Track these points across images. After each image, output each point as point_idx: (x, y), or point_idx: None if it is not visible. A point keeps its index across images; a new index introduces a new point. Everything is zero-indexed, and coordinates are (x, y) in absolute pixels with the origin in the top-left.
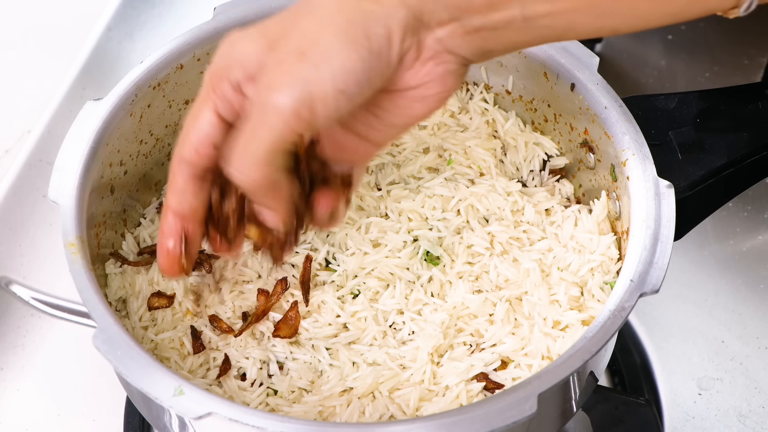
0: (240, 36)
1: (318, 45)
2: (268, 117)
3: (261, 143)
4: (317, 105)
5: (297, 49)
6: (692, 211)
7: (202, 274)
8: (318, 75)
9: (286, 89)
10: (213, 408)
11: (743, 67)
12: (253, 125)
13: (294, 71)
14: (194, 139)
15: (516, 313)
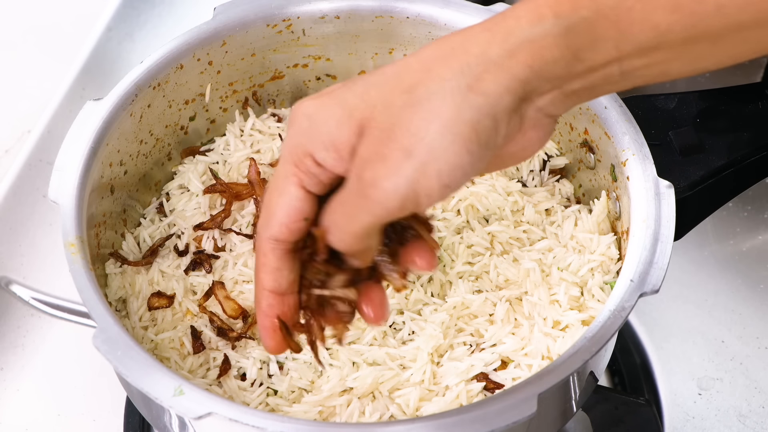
0: (319, 111)
1: (424, 142)
2: (371, 206)
3: (362, 225)
4: (422, 198)
5: (401, 146)
6: (692, 211)
7: (203, 274)
8: (425, 174)
9: (391, 188)
10: (213, 408)
11: (743, 67)
12: (354, 209)
13: (400, 170)
14: (284, 218)
15: (516, 313)
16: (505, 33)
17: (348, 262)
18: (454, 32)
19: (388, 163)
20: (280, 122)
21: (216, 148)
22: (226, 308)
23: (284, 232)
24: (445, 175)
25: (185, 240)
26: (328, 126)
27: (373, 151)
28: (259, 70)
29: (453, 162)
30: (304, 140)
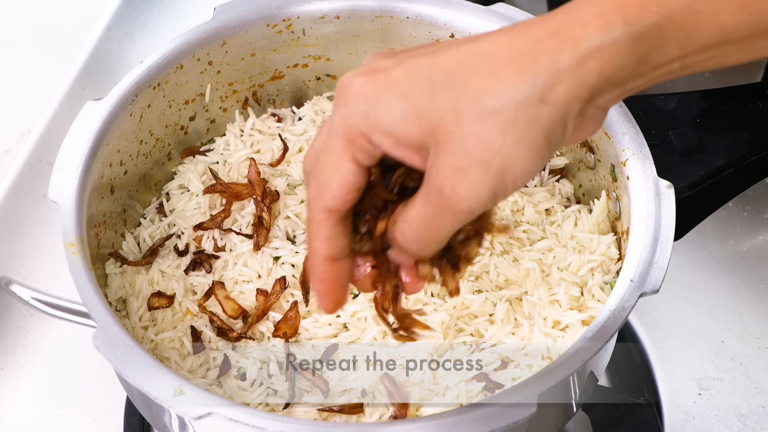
0: (380, 97)
1: (500, 154)
2: (455, 215)
3: (440, 231)
4: (498, 200)
5: (479, 158)
6: (692, 211)
7: (203, 274)
8: (503, 181)
9: (475, 199)
10: (213, 408)
11: (743, 67)
12: (438, 219)
13: (480, 183)
14: (338, 191)
15: (516, 313)
16: (574, 41)
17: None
18: (512, 28)
19: (469, 177)
20: (280, 122)
21: (216, 148)
22: (226, 308)
23: (337, 204)
24: (519, 180)
25: (185, 240)
26: (390, 117)
27: (451, 164)
28: (259, 70)
29: (527, 168)
30: (361, 122)
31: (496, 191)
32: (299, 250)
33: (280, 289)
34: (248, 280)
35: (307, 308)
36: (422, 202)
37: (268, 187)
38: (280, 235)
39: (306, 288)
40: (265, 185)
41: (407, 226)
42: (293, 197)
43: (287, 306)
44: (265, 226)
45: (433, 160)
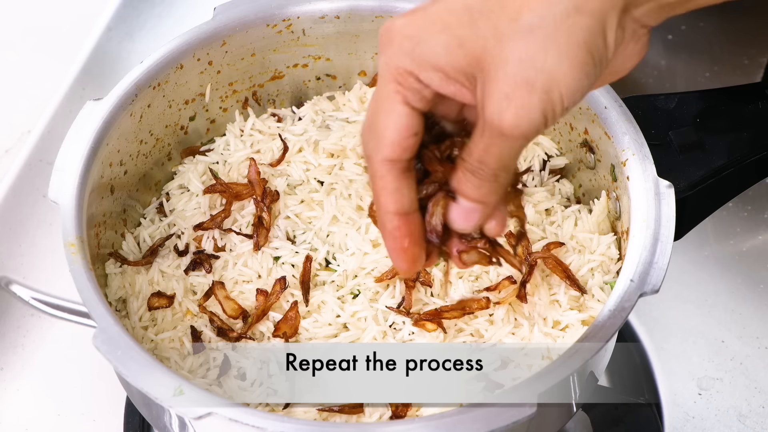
0: (423, 33)
1: (543, 72)
2: (506, 141)
3: (499, 160)
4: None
5: (523, 80)
6: (692, 211)
7: (203, 274)
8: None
9: (526, 124)
10: (213, 408)
11: (743, 67)
12: (491, 144)
13: (529, 105)
14: (395, 136)
15: (516, 313)
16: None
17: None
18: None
19: (515, 102)
20: (280, 122)
21: (216, 148)
22: (226, 308)
23: (397, 151)
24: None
25: (185, 240)
26: (435, 51)
27: (498, 90)
28: (259, 70)
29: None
30: (407, 61)
31: (545, 112)
32: (299, 250)
33: (280, 289)
34: (248, 280)
35: (307, 308)
36: (479, 133)
37: (268, 187)
38: (280, 235)
39: (306, 288)
40: (265, 185)
41: (469, 157)
42: (293, 197)
43: (287, 306)
44: (265, 226)
45: (482, 89)
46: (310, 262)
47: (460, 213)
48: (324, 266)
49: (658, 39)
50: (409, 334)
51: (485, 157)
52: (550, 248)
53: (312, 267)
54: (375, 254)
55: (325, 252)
